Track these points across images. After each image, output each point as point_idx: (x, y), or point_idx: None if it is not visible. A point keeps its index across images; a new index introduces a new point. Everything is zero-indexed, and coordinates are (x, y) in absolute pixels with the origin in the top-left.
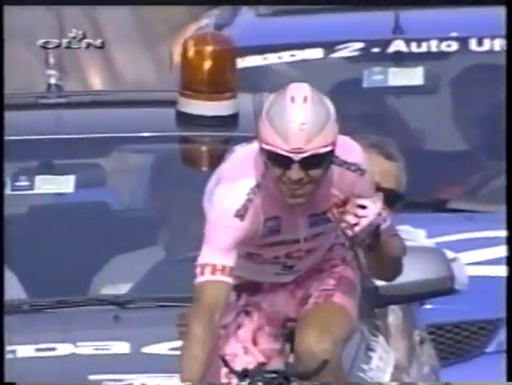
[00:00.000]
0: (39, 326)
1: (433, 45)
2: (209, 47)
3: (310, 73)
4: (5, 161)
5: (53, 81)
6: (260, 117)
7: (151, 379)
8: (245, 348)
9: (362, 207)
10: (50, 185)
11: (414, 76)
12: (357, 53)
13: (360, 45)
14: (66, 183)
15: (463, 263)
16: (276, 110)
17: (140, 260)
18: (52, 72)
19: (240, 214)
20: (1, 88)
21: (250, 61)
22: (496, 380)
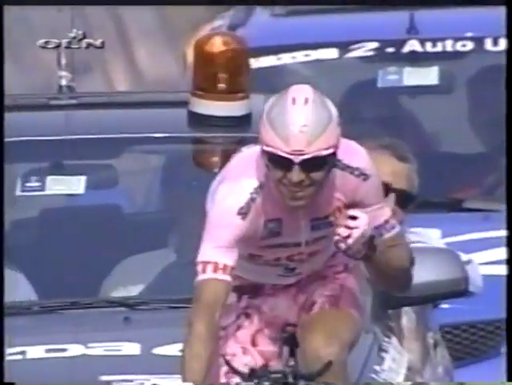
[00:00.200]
0: (50, 328)
1: (448, 45)
2: (222, 48)
3: (324, 73)
4: (16, 162)
5: (64, 82)
6: (261, 119)
7: (161, 380)
8: (243, 348)
9: (352, 218)
10: (61, 186)
11: (429, 76)
12: (372, 53)
13: (375, 45)
14: (77, 184)
15: (477, 265)
16: (277, 112)
17: (151, 262)
18: (64, 74)
19: (243, 212)
20: (1, 88)
21: (265, 61)
22: None
